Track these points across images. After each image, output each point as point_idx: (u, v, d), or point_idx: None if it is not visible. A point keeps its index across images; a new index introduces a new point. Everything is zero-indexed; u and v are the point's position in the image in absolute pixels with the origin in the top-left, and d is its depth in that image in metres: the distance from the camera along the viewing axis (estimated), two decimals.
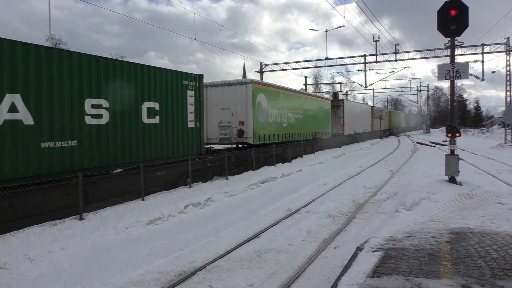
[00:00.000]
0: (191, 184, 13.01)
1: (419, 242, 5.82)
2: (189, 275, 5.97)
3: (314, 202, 11.44)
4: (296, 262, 6.45)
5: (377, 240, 6.05)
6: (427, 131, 74.09)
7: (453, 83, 12.87)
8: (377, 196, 12.07)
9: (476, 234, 6.24)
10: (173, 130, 12.62)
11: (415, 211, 8.70)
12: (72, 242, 7.55)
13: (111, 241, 7.95)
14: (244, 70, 39.49)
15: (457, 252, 5.22)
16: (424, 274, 4.41)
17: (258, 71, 37.00)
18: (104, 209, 9.73)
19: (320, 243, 7.49)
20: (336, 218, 9.44)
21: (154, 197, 11.14)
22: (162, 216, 9.63)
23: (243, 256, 6.75)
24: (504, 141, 31.85)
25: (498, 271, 4.41)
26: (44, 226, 8.14)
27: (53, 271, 6.36)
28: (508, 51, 30.89)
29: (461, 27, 11.68)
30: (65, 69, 8.96)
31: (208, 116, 17.76)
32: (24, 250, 6.93)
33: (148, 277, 5.86)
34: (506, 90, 32.60)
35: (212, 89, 18.59)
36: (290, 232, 8.13)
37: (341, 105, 33.92)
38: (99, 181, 9.75)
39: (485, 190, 10.60)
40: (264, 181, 15.28)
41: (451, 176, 11.74)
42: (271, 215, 9.79)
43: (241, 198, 12.41)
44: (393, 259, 4.99)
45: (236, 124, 17.78)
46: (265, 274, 5.98)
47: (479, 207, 8.78)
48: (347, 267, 4.98)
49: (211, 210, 10.81)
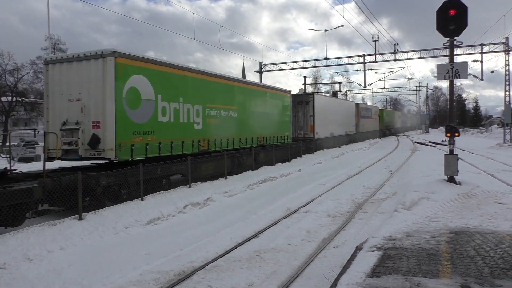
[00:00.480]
0: (191, 184, 13.00)
1: (418, 241, 5.82)
2: (189, 275, 5.97)
3: (313, 201, 11.45)
4: (295, 261, 6.45)
5: (377, 239, 6.05)
6: (426, 131, 74.13)
7: (452, 82, 12.88)
8: (376, 196, 12.08)
9: (475, 234, 6.24)
10: None
11: (414, 210, 8.71)
12: (71, 242, 7.55)
13: (110, 241, 7.95)
14: (244, 70, 39.45)
15: (456, 252, 5.22)
16: (423, 273, 4.41)
17: (258, 71, 36.98)
18: (104, 208, 9.72)
19: (320, 242, 7.49)
20: (335, 217, 9.45)
21: (153, 197, 11.13)
22: (162, 216, 9.63)
23: (243, 256, 6.75)
24: (503, 141, 31.88)
25: (497, 271, 4.42)
26: (44, 226, 8.13)
27: (52, 271, 6.35)
28: (507, 51, 30.91)
29: (460, 27, 11.70)
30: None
31: (50, 111, 11.35)
32: (23, 250, 6.93)
33: (147, 277, 5.86)
34: (505, 89, 32.63)
35: (56, 67, 11.31)
36: (289, 232, 8.13)
37: (311, 101, 26.82)
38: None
39: (484, 190, 10.61)
40: (264, 181, 15.28)
41: (450, 176, 11.75)
42: (270, 215, 9.79)
43: (241, 198, 12.42)
44: (393, 259, 4.99)
45: (88, 126, 10.71)
46: (265, 273, 5.98)
47: (478, 207, 8.79)
48: (346, 266, 4.99)
49: (211, 210, 10.81)
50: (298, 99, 26.77)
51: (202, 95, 14.45)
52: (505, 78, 32.51)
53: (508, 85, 32.29)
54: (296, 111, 26.37)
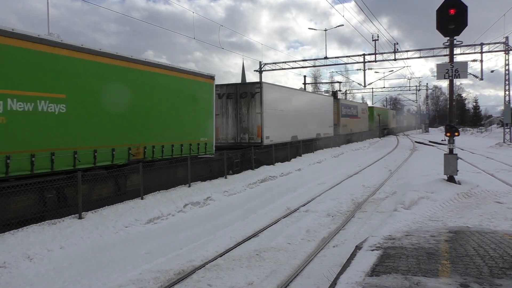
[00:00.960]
0: (190, 183, 13.01)
1: (418, 241, 5.83)
2: (189, 274, 5.97)
3: (313, 201, 11.46)
4: (295, 261, 6.46)
5: (376, 239, 6.06)
6: (426, 131, 74.17)
7: (452, 82, 12.88)
8: (376, 195, 12.09)
9: (475, 233, 6.25)
10: None
11: (414, 210, 8.73)
12: (71, 241, 7.55)
13: (110, 240, 7.95)
14: (243, 69, 39.40)
15: (455, 251, 5.23)
16: (423, 272, 4.42)
17: (258, 70, 36.98)
18: (103, 208, 9.73)
19: (319, 242, 7.50)
20: (335, 217, 9.46)
21: (153, 196, 11.14)
22: (162, 215, 9.63)
23: (242, 255, 6.75)
24: (503, 140, 31.91)
25: (496, 270, 4.42)
26: (43, 225, 8.14)
27: (52, 270, 6.36)
28: (507, 51, 30.90)
29: (460, 26, 11.70)
30: None
31: None
32: (23, 249, 6.93)
33: (147, 276, 5.87)
34: (505, 89, 32.65)
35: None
36: (289, 231, 8.14)
37: (258, 92, 18.88)
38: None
39: (483, 189, 10.63)
40: (263, 180, 15.29)
41: (450, 175, 11.76)
42: (270, 214, 9.80)
43: (240, 197, 12.43)
44: (392, 258, 5.00)
45: None
46: (264, 272, 5.99)
47: (477, 206, 8.80)
48: (346, 266, 4.99)
49: (210, 209, 10.82)
50: (241, 90, 19.24)
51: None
52: (505, 77, 32.55)
53: (508, 84, 32.30)
54: (239, 107, 19.21)
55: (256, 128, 18.96)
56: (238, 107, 19.33)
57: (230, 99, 19.28)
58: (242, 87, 19.61)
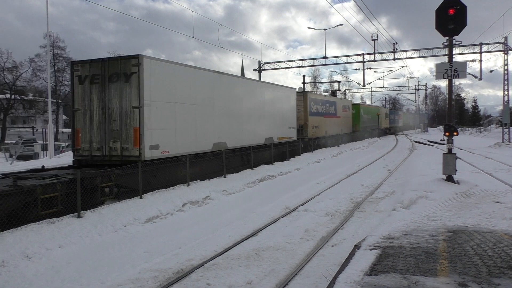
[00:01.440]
0: (189, 182, 13.01)
1: (417, 240, 5.84)
2: (187, 273, 5.97)
3: (312, 200, 11.46)
4: (293, 260, 6.47)
5: (375, 238, 6.06)
6: (425, 130, 74.25)
7: (451, 82, 12.89)
8: (375, 195, 12.10)
9: (473, 233, 6.26)
10: None
11: (413, 209, 8.73)
12: (70, 240, 7.55)
13: (109, 239, 7.95)
14: (243, 69, 39.36)
15: (454, 250, 5.24)
16: (421, 272, 4.43)
17: (257, 69, 36.96)
18: (102, 207, 9.73)
19: (318, 241, 7.50)
20: (333, 216, 9.46)
21: (152, 195, 11.14)
22: (160, 214, 9.63)
23: (241, 254, 6.76)
24: (502, 140, 31.95)
25: (494, 269, 4.44)
26: (42, 224, 8.13)
27: (51, 268, 6.36)
28: (506, 51, 30.94)
29: (459, 26, 11.71)
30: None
31: None
32: (21, 247, 6.93)
33: (146, 275, 5.87)
34: (504, 89, 32.69)
35: None
36: (288, 230, 8.15)
37: (136, 72, 11.48)
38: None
39: (482, 189, 10.64)
40: (262, 180, 15.29)
41: (449, 175, 11.77)
42: (269, 213, 9.80)
43: (239, 197, 12.42)
44: (391, 257, 5.01)
45: None
46: (263, 272, 5.99)
47: (476, 206, 8.81)
48: (344, 265, 5.00)
49: (209, 208, 10.81)
50: (111, 70, 11.89)
51: None
52: (504, 77, 32.59)
53: (507, 84, 32.34)
54: (107, 98, 11.93)
55: (132, 131, 11.63)
56: (106, 97, 11.97)
57: (95, 84, 12.11)
58: (112, 65, 11.94)
